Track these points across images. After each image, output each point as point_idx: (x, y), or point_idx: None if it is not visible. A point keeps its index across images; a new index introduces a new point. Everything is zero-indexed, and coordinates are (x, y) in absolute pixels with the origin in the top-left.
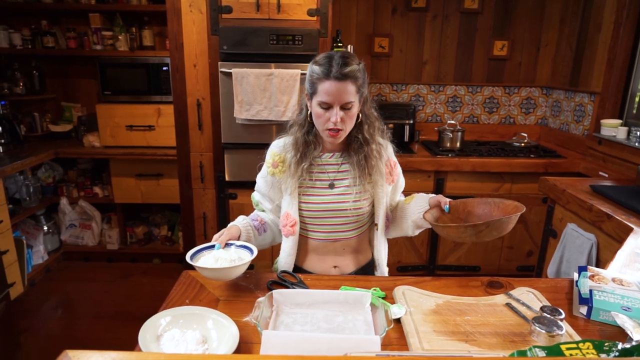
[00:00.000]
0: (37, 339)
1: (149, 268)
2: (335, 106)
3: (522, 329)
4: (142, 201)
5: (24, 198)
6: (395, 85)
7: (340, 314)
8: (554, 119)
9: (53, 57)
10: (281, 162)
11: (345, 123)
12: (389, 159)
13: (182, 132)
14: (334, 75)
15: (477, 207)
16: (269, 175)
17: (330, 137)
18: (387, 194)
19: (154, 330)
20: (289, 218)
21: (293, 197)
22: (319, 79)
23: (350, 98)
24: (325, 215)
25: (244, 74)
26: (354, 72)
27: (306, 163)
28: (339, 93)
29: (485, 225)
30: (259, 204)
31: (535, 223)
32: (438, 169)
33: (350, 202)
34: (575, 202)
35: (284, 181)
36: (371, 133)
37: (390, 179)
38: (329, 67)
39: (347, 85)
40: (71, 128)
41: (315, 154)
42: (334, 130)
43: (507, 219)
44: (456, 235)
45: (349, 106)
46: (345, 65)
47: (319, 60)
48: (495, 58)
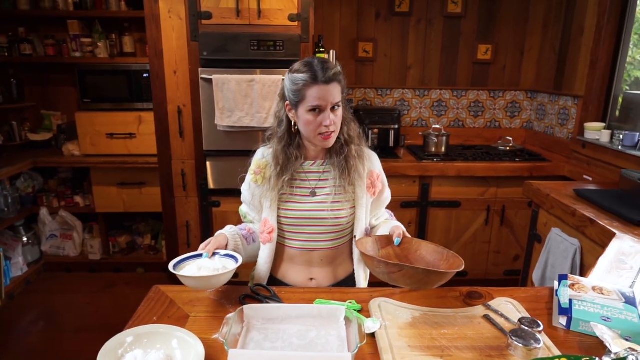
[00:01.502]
0: (15, 354)
1: (132, 278)
2: (326, 109)
3: (500, 342)
4: (125, 210)
5: (2, 209)
6: (380, 90)
7: (314, 329)
8: (539, 122)
9: (31, 65)
10: (263, 169)
11: (337, 125)
12: (372, 170)
13: (163, 140)
14: (321, 79)
15: (429, 253)
16: (252, 182)
17: (324, 140)
18: (368, 204)
19: (115, 351)
20: (267, 225)
21: (271, 204)
22: (306, 85)
23: (338, 98)
24: (304, 223)
25: (224, 80)
26: (338, 75)
27: (287, 176)
28: (329, 95)
29: (398, 268)
30: (246, 216)
31: (521, 227)
32: (423, 174)
33: (328, 211)
34: (559, 206)
35: (264, 191)
36: (350, 134)
37: (372, 190)
38: (314, 72)
39: (335, 87)
40: (51, 137)
41: (297, 166)
42: (327, 133)
43: (423, 271)
44: (371, 268)
45: (338, 106)
46: (329, 69)
47: (300, 69)
48: (479, 62)
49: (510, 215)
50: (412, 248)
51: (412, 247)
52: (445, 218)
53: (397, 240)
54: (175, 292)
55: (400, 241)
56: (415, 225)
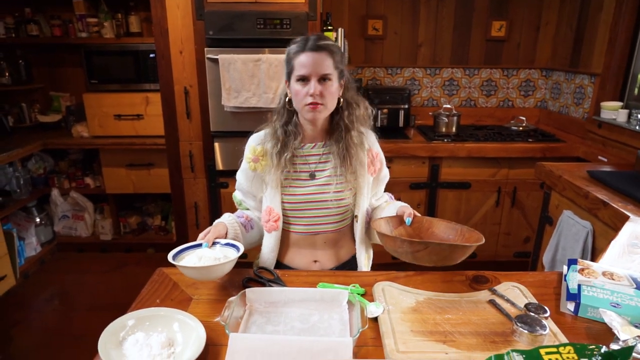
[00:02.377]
0: (31, 331)
1: (143, 258)
2: (312, 78)
3: (505, 328)
4: (134, 191)
5: (14, 190)
6: (389, 69)
7: (316, 312)
8: (554, 101)
9: (38, 46)
10: (262, 155)
11: (325, 98)
12: (370, 148)
13: (170, 121)
14: (309, 47)
15: (442, 230)
16: (250, 170)
17: (310, 111)
18: (369, 184)
19: (117, 334)
20: (272, 213)
21: (276, 191)
22: (295, 54)
23: (327, 70)
24: (306, 207)
25: (230, 60)
26: (329, 45)
27: (288, 153)
28: (316, 64)
29: (424, 246)
30: (242, 203)
31: (532, 209)
32: (433, 155)
33: (331, 193)
34: (571, 188)
35: (267, 175)
36: (352, 120)
37: (372, 169)
38: (305, 42)
39: (324, 57)
40: (60, 118)
41: (296, 144)
42: (313, 103)
43: (448, 246)
44: (392, 248)
45: (327, 77)
46: (321, 40)
47: (296, 39)
48: (493, 39)
49: (522, 196)
50: (423, 226)
51: (423, 225)
52: (454, 199)
53: (408, 220)
54: (178, 275)
55: (411, 220)
56: (424, 207)
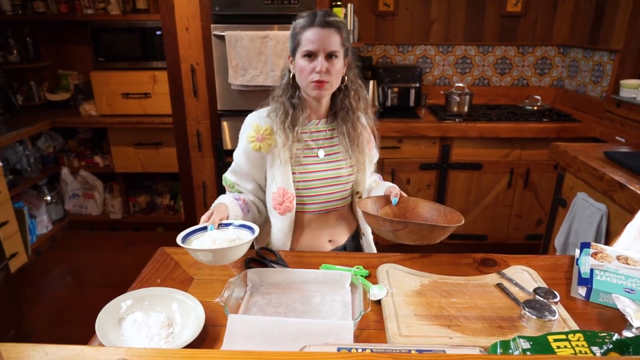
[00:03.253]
0: (42, 307)
1: (152, 237)
2: (320, 54)
3: (512, 313)
4: (143, 170)
5: (24, 168)
6: (401, 47)
7: (318, 294)
8: (571, 80)
9: (45, 23)
10: (269, 134)
11: (331, 75)
12: (365, 127)
13: (177, 100)
14: (317, 23)
15: (426, 210)
16: (253, 151)
17: (316, 89)
18: (370, 161)
19: (115, 313)
20: (286, 194)
21: (286, 169)
22: (302, 29)
23: (335, 47)
24: (321, 184)
25: (237, 37)
26: (337, 22)
27: (299, 127)
28: (324, 40)
29: (403, 225)
30: (234, 186)
31: (545, 191)
32: (444, 135)
33: (344, 169)
34: (586, 169)
35: (272, 155)
36: (357, 100)
37: (369, 146)
38: (313, 17)
39: (332, 33)
40: (69, 97)
41: (302, 119)
42: (319, 81)
43: (427, 226)
44: (375, 227)
45: (334, 54)
46: (330, 16)
47: (303, 14)
48: (508, 15)
49: (535, 178)
50: (409, 207)
51: (409, 205)
52: (465, 180)
53: (394, 199)
54: (180, 255)
55: (397, 200)
56: (434, 188)
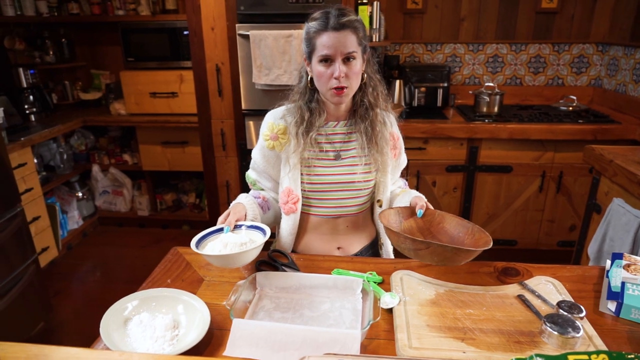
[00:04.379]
0: (70, 300)
1: (178, 234)
2: (337, 59)
3: (532, 328)
4: (169, 169)
5: (58, 165)
6: (429, 45)
7: (328, 300)
8: (610, 79)
9: (79, 24)
10: (282, 133)
11: (350, 79)
12: (392, 131)
13: (203, 99)
14: (332, 26)
15: (453, 226)
16: (268, 149)
17: (336, 96)
18: (392, 167)
19: (121, 313)
20: (291, 194)
21: (295, 171)
22: (317, 33)
23: (351, 48)
24: (331, 189)
25: (262, 37)
26: (352, 22)
27: (313, 132)
28: (340, 43)
29: (425, 245)
30: (256, 183)
31: (579, 196)
32: (472, 136)
33: (358, 174)
34: (623, 174)
35: (286, 154)
36: (375, 96)
37: (394, 152)
38: (326, 19)
39: (347, 35)
40: (101, 96)
41: (320, 122)
42: (339, 88)
43: (452, 249)
44: (395, 243)
45: (352, 56)
46: (343, 16)
47: (315, 16)
48: (543, 11)
49: (569, 182)
50: (435, 220)
51: (435, 219)
52: (494, 183)
53: (419, 212)
54: (192, 255)
55: (422, 213)
56: (461, 191)
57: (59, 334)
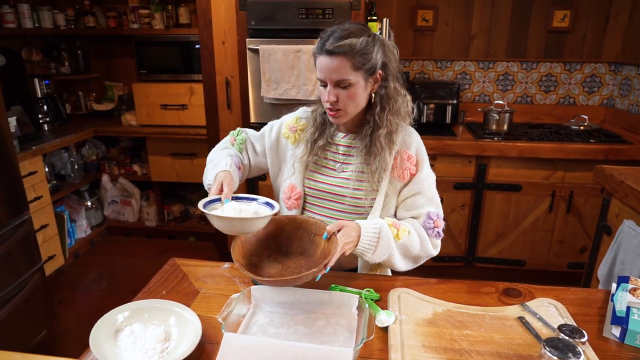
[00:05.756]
0: (75, 309)
1: (185, 245)
2: (328, 83)
3: (532, 351)
4: (178, 180)
5: (68, 174)
6: (439, 62)
7: (323, 317)
8: (622, 99)
9: (95, 37)
10: (301, 130)
11: (344, 103)
12: (404, 150)
13: (212, 112)
14: (325, 49)
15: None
16: (282, 136)
17: (330, 116)
18: (394, 190)
19: (113, 324)
20: (294, 190)
21: (299, 175)
22: (315, 54)
23: (343, 75)
24: (326, 197)
25: (271, 51)
26: (347, 47)
27: (322, 141)
28: (329, 69)
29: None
30: (242, 142)
31: (591, 216)
32: (480, 154)
33: (350, 189)
34: (634, 195)
35: (292, 157)
36: (383, 117)
37: (398, 172)
38: (325, 40)
39: (339, 61)
40: (113, 107)
41: (330, 132)
42: (332, 110)
43: (278, 281)
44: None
45: (344, 84)
46: (341, 39)
47: (323, 34)
48: (555, 30)
49: (579, 202)
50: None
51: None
52: (503, 202)
53: (325, 235)
54: (189, 267)
55: (328, 237)
56: (469, 209)
57: (61, 343)
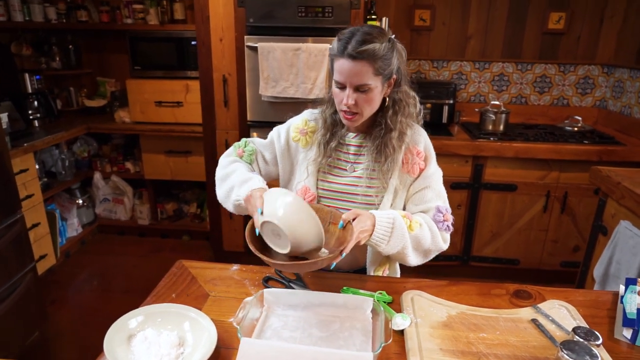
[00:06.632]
0: (67, 310)
1: (178, 244)
2: (348, 87)
3: (548, 354)
4: (172, 178)
5: (59, 172)
6: (435, 62)
7: (338, 320)
8: (615, 101)
9: (87, 32)
10: (311, 132)
11: (361, 107)
12: (413, 146)
13: (208, 110)
14: (348, 52)
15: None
16: (292, 140)
17: (345, 119)
18: (403, 186)
19: (126, 329)
20: (308, 193)
21: (312, 178)
22: (335, 56)
23: (364, 80)
24: (339, 197)
25: (270, 49)
26: (371, 52)
27: (334, 142)
28: (351, 73)
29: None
30: (252, 154)
31: (584, 216)
32: (477, 154)
33: (362, 187)
34: (631, 197)
35: (305, 161)
36: (395, 120)
37: (407, 167)
38: (346, 43)
39: (362, 65)
40: (105, 103)
41: (341, 133)
42: (348, 113)
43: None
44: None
45: (364, 89)
46: (364, 43)
47: (341, 35)
48: (550, 32)
49: (573, 202)
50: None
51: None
52: (498, 202)
53: (340, 223)
54: (197, 269)
55: (343, 225)
56: (465, 208)
57: (54, 344)
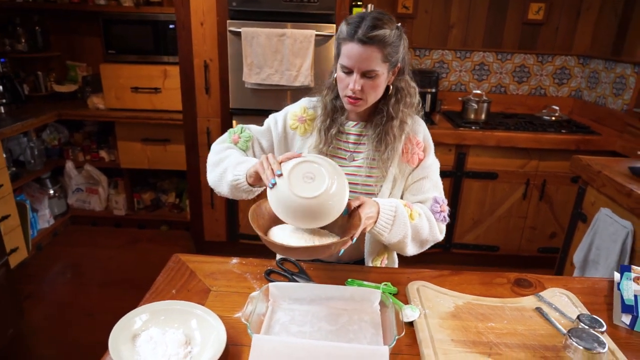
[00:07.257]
0: (42, 305)
1: (156, 235)
2: (355, 72)
3: (556, 342)
4: (149, 167)
5: (28, 161)
6: (418, 50)
7: (345, 313)
8: (590, 91)
9: (55, 12)
10: (310, 120)
11: (367, 93)
12: (413, 135)
13: (188, 96)
14: (358, 37)
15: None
16: (290, 128)
17: (349, 104)
18: (402, 175)
19: (130, 328)
20: None
21: None
22: (344, 40)
23: (373, 66)
24: None
25: (254, 34)
26: (381, 37)
27: (334, 129)
28: (361, 58)
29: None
30: (248, 140)
31: (561, 204)
32: (460, 143)
33: (362, 177)
34: (611, 185)
35: (305, 144)
36: (397, 109)
37: (407, 157)
38: (356, 28)
39: (372, 51)
40: (76, 88)
41: (342, 120)
42: (353, 98)
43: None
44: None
45: (371, 75)
46: (375, 28)
47: (350, 20)
48: (530, 22)
49: (551, 190)
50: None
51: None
52: (480, 190)
53: (345, 210)
54: (196, 263)
55: (348, 212)
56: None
57: (30, 340)
